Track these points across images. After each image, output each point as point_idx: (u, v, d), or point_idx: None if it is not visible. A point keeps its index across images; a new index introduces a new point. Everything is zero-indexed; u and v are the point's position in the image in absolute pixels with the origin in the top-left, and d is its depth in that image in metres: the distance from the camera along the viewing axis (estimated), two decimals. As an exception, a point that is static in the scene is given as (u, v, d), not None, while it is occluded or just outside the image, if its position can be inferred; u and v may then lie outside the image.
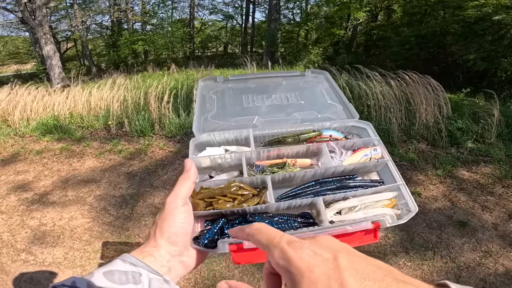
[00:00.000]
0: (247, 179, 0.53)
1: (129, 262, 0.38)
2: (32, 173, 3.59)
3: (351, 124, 0.67)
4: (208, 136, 0.63)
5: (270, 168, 0.57)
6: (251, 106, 0.72)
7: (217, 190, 0.51)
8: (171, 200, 0.42)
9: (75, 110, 5.20)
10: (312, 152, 0.62)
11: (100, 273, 0.35)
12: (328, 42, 14.26)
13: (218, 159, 0.59)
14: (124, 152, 3.95)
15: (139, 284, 0.36)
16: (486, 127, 3.68)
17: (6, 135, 4.76)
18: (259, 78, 0.81)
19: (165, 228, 0.41)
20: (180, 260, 0.42)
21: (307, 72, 0.81)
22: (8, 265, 2.24)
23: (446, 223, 2.41)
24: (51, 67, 9.06)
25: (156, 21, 16.37)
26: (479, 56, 7.13)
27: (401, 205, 0.53)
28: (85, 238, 2.47)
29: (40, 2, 8.34)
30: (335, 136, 0.64)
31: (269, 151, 0.60)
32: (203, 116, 0.69)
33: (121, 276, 0.36)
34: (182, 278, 2.00)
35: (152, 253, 0.40)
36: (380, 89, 4.14)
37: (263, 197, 0.51)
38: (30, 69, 16.84)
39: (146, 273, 0.37)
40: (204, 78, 0.78)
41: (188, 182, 0.44)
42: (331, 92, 0.76)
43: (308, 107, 0.72)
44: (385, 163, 0.57)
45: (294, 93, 0.75)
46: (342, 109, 0.71)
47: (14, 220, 2.73)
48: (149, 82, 5.06)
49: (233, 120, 0.68)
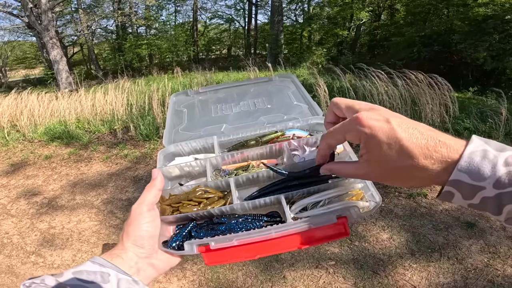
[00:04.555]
0: (211, 183, 0.55)
1: (98, 263, 0.40)
2: (41, 177, 3.66)
3: (315, 122, 0.68)
4: (176, 147, 0.65)
5: (236, 171, 0.59)
6: (220, 115, 0.74)
7: (183, 195, 0.53)
8: (136, 207, 0.45)
9: (82, 114, 5.29)
10: (276, 152, 0.64)
11: (70, 273, 0.37)
12: (332, 42, 14.22)
13: (185, 167, 0.61)
14: (130, 156, 4.00)
15: (107, 283, 0.37)
16: (494, 126, 3.63)
17: (15, 140, 4.87)
18: (229, 87, 0.83)
19: (130, 232, 0.43)
20: (149, 262, 0.44)
21: (274, 77, 0.83)
22: (18, 267, 2.29)
23: (453, 224, 2.38)
24: (58, 72, 9.21)
25: (158, 25, 16.55)
26: (489, 55, 7.05)
27: (367, 196, 0.53)
28: (92, 240, 2.51)
29: (46, 6, 8.49)
30: (299, 134, 0.65)
31: (233, 156, 0.62)
32: (174, 129, 0.71)
33: (90, 276, 0.37)
34: (187, 280, 2.02)
35: (120, 255, 0.42)
36: (385, 89, 4.12)
37: (229, 199, 0.53)
38: (38, 73, 17.17)
39: (115, 273, 0.39)
40: (176, 93, 0.81)
41: (154, 190, 0.46)
42: (297, 93, 0.77)
43: (274, 110, 0.74)
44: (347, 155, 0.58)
45: (261, 98, 0.77)
46: (308, 108, 0.73)
47: (24, 223, 2.79)
48: (154, 86, 5.11)
49: (202, 130, 0.70)
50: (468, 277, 1.92)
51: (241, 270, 2.08)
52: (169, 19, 17.43)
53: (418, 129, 0.32)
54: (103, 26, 15.89)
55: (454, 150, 0.30)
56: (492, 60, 7.03)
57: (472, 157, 0.28)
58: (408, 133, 0.31)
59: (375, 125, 0.32)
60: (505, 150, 0.29)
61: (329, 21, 13.30)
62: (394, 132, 0.31)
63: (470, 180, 0.28)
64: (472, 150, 0.29)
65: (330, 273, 2.00)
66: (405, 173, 0.32)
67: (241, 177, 0.56)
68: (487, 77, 7.63)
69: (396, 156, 0.31)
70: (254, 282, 1.99)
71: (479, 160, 0.28)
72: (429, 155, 0.30)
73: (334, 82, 5.56)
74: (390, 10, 13.87)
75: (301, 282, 1.96)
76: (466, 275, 1.94)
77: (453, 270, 1.98)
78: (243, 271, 2.08)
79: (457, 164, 0.29)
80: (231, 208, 0.51)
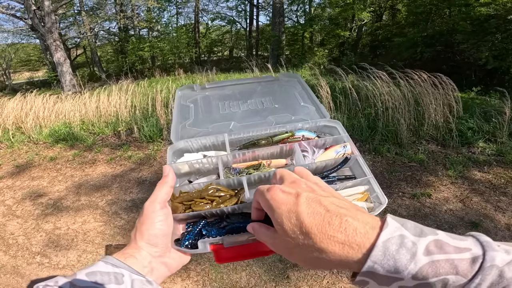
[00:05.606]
0: (224, 181, 0.55)
1: (111, 263, 0.39)
2: (46, 179, 3.69)
3: (323, 124, 0.69)
4: (185, 143, 0.65)
5: (247, 169, 0.59)
6: (228, 112, 0.74)
7: (195, 193, 0.53)
8: (149, 205, 0.44)
9: (86, 116, 5.33)
10: (286, 153, 0.65)
11: (83, 274, 0.36)
12: (333, 43, 14.23)
13: (195, 164, 0.60)
14: (134, 158, 4.02)
15: (121, 285, 0.37)
16: (498, 126, 3.62)
17: (21, 142, 4.91)
18: (235, 84, 0.83)
19: (144, 231, 0.43)
20: (162, 261, 0.44)
21: (280, 77, 0.83)
22: (24, 268, 2.31)
23: (458, 224, 2.37)
24: (62, 74, 9.29)
25: (160, 27, 16.64)
26: (491, 54, 7.02)
27: (372, 198, 0.54)
28: (97, 241, 2.53)
29: (49, 9, 8.57)
30: (307, 135, 0.66)
31: (244, 154, 0.62)
32: (181, 124, 0.70)
33: (103, 277, 0.36)
34: (191, 280, 2.03)
35: (133, 254, 0.41)
36: (387, 90, 4.11)
37: (240, 198, 0.53)
38: (42, 76, 17.30)
39: (129, 274, 0.38)
40: (181, 87, 0.80)
41: (166, 187, 0.46)
42: (304, 94, 0.77)
43: (282, 110, 0.74)
44: (355, 158, 0.59)
45: (268, 97, 0.77)
46: (315, 110, 0.73)
47: (30, 224, 2.81)
48: (157, 87, 5.14)
49: (211, 126, 0.70)
50: (473, 278, 1.91)
51: (245, 270, 2.09)
52: (171, 21, 17.54)
53: (325, 205, 0.29)
54: (105, 28, 15.99)
55: (365, 236, 0.26)
56: (495, 60, 7.00)
57: (387, 246, 0.25)
58: (310, 208, 0.29)
59: (281, 198, 0.32)
60: (425, 234, 0.26)
61: (331, 22, 13.29)
62: (296, 207, 0.30)
63: (385, 272, 0.25)
64: (387, 237, 0.26)
65: (334, 273, 2.00)
66: (308, 253, 0.29)
67: (253, 176, 0.57)
68: (491, 76, 7.59)
69: (297, 233, 0.29)
70: (257, 282, 2.00)
71: (395, 249, 0.25)
72: (330, 236, 0.27)
73: (336, 83, 5.57)
74: (392, 11, 13.85)
75: (305, 282, 1.96)
76: (471, 275, 1.93)
77: (458, 270, 1.97)
78: (247, 271, 2.08)
79: (370, 255, 0.26)
80: (243, 206, 0.51)
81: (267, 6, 17.29)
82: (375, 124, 3.99)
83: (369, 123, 4.07)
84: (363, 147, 3.75)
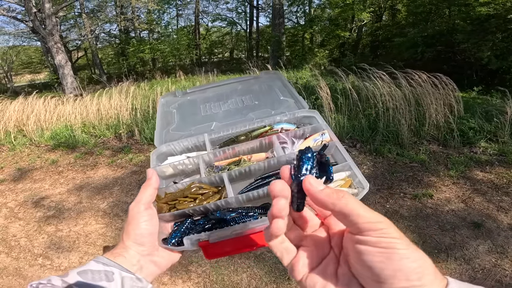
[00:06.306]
0: (205, 179, 0.56)
1: (101, 262, 0.41)
2: (48, 181, 3.70)
3: (302, 115, 0.70)
4: (168, 147, 0.66)
5: (228, 166, 0.61)
6: (209, 113, 0.76)
7: (178, 193, 0.54)
8: (134, 206, 0.46)
9: (88, 119, 5.34)
10: (265, 146, 0.66)
11: (75, 273, 0.38)
12: (334, 44, 14.22)
13: (179, 166, 0.62)
14: (135, 160, 4.03)
15: (112, 282, 0.39)
16: (500, 126, 3.61)
17: (22, 144, 4.93)
18: (216, 86, 0.84)
19: (130, 231, 0.45)
20: (151, 260, 0.46)
21: (260, 74, 0.84)
22: (26, 270, 2.31)
23: (460, 225, 2.37)
24: (64, 76, 9.32)
25: (161, 29, 16.69)
26: (492, 54, 7.01)
27: (355, 183, 0.54)
28: (99, 243, 2.53)
29: (50, 11, 8.61)
30: (287, 127, 0.67)
31: (225, 152, 0.63)
32: (165, 129, 0.72)
33: (94, 275, 0.38)
34: (192, 282, 2.03)
35: (122, 253, 0.43)
36: (388, 90, 4.11)
37: (223, 194, 0.54)
38: (44, 78, 17.37)
39: (119, 272, 0.40)
40: (164, 95, 0.82)
41: (150, 189, 0.47)
42: (283, 89, 0.79)
43: (262, 106, 0.75)
44: (334, 145, 0.59)
45: (249, 95, 0.78)
46: (294, 102, 0.74)
47: (32, 226, 2.82)
48: (158, 90, 5.15)
49: (193, 129, 0.72)
50: (475, 278, 1.91)
51: (246, 272, 2.08)
52: (171, 23, 17.59)
53: None
54: (106, 30, 16.06)
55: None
56: (496, 59, 6.99)
57: None
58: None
59: None
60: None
61: (331, 23, 13.29)
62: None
63: None
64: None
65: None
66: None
67: (233, 172, 0.58)
68: (492, 76, 7.57)
69: None
70: (258, 284, 1.99)
71: None
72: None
73: (337, 84, 5.56)
74: (392, 11, 13.85)
75: (307, 283, 1.95)
76: (473, 275, 1.93)
77: (460, 271, 1.97)
78: (248, 272, 2.08)
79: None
80: (226, 202, 0.52)
81: (267, 8, 17.33)
82: (376, 124, 3.98)
83: (370, 123, 4.06)
84: (364, 148, 3.75)
